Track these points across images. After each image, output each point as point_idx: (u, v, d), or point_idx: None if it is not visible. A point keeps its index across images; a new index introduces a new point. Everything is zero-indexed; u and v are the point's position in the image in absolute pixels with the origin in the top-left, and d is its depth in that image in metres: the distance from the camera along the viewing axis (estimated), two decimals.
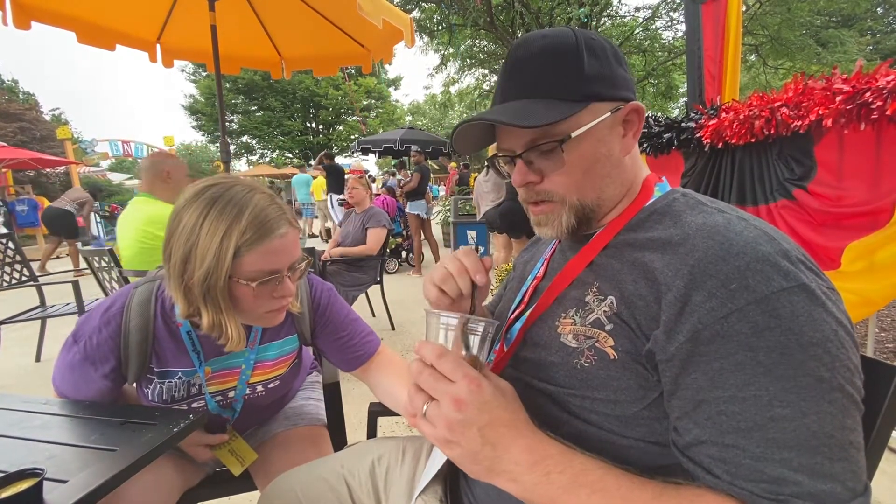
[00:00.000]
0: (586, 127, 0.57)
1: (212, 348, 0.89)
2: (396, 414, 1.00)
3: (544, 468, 0.47)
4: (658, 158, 2.57)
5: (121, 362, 0.85)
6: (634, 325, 0.52)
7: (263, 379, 0.98)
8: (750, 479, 0.43)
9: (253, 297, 0.79)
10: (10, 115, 16.77)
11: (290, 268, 0.83)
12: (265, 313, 0.83)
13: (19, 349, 3.33)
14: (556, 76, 0.57)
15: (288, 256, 0.82)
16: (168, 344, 0.87)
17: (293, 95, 24.21)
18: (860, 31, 14.02)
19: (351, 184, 3.63)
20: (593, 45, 0.58)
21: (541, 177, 0.61)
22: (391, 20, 2.41)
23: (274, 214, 0.79)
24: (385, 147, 9.43)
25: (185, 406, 0.92)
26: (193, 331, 0.87)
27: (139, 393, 0.94)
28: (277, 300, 0.82)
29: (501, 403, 0.50)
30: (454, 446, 0.48)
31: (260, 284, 0.78)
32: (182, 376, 0.89)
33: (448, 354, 0.50)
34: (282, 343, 1.00)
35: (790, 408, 0.42)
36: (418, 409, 0.50)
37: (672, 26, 10.22)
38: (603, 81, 0.58)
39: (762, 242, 0.47)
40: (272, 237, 0.78)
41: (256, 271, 0.77)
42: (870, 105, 1.54)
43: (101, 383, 0.85)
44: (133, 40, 3.12)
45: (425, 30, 10.20)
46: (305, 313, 1.01)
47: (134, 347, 0.84)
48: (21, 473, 0.57)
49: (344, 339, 1.04)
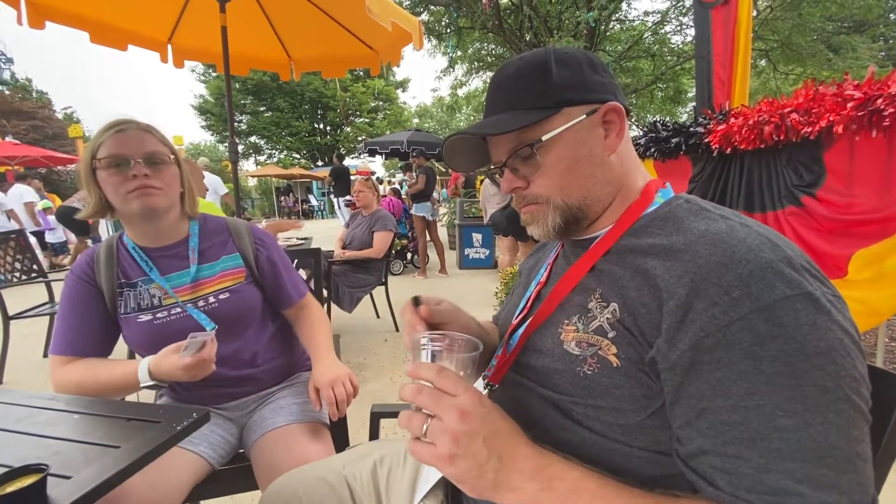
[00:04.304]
0: (558, 130, 0.60)
1: (165, 266, 1.11)
2: None
3: (547, 475, 0.47)
4: (666, 163, 2.56)
5: (95, 274, 1.07)
6: (637, 333, 0.51)
7: (214, 290, 1.14)
8: (752, 491, 0.42)
9: (111, 178, 1.01)
10: (23, 112, 17.01)
11: (143, 156, 1.03)
12: (127, 193, 1.02)
13: (27, 345, 3.37)
14: (527, 88, 0.62)
15: (133, 145, 1.03)
16: (127, 260, 1.11)
17: (301, 97, 24.37)
18: (872, 37, 13.89)
19: (358, 186, 3.64)
20: (564, 58, 0.62)
21: (526, 182, 0.64)
22: (400, 22, 2.42)
23: (115, 121, 1.05)
24: (392, 149, 9.47)
25: (150, 316, 1.07)
26: (137, 246, 1.11)
27: (121, 323, 1.08)
28: (130, 181, 1.01)
29: (500, 414, 0.51)
30: (459, 461, 0.47)
31: (112, 167, 1.01)
32: (142, 284, 1.09)
33: (447, 371, 0.51)
34: (224, 260, 1.18)
35: (794, 418, 0.41)
36: (417, 430, 0.49)
37: (681, 30, 10.17)
38: (574, 88, 0.61)
39: (765, 249, 0.46)
40: (111, 131, 1.03)
41: (107, 157, 1.01)
42: (881, 112, 1.53)
43: (90, 304, 1.05)
44: (145, 41, 3.15)
45: (433, 32, 10.23)
46: (243, 232, 1.23)
47: (103, 261, 1.08)
48: (26, 469, 0.58)
49: (282, 274, 1.25)
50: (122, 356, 1.13)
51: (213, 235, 1.19)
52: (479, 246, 6.17)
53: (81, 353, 1.04)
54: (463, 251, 6.18)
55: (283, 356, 1.27)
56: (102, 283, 1.07)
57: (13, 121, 16.47)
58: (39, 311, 3.00)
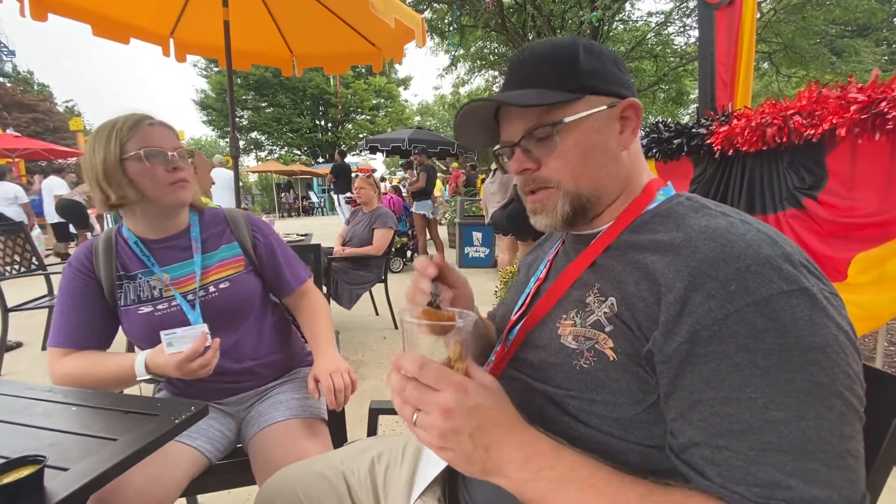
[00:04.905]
0: (580, 115, 0.59)
1: (164, 257, 1.11)
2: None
3: (535, 465, 0.48)
4: (667, 164, 2.55)
5: (94, 266, 1.07)
6: (634, 327, 0.51)
7: (214, 279, 1.14)
8: (741, 482, 0.42)
9: (151, 170, 1.02)
10: (25, 105, 16.98)
11: (176, 150, 1.05)
12: (167, 185, 1.04)
13: (26, 337, 3.37)
14: (553, 68, 0.61)
15: (166, 140, 1.05)
16: (126, 252, 1.10)
17: (303, 93, 24.32)
18: (875, 41, 13.87)
19: (358, 183, 3.64)
20: (591, 47, 0.62)
21: (538, 164, 0.63)
22: (403, 19, 2.41)
23: (140, 115, 1.05)
24: (393, 146, 9.46)
25: (150, 308, 1.07)
26: (139, 240, 1.10)
27: (121, 315, 1.08)
28: (172, 173, 1.04)
29: (489, 403, 0.49)
30: (447, 451, 0.49)
31: (150, 158, 1.01)
32: (141, 276, 1.09)
33: (429, 364, 0.49)
34: (223, 249, 1.18)
35: (786, 411, 0.41)
36: (408, 419, 0.50)
37: (685, 32, 10.17)
38: (598, 77, 0.61)
39: (764, 245, 0.46)
40: (142, 125, 1.03)
41: (147, 148, 1.01)
42: (885, 115, 1.53)
43: (89, 297, 1.05)
44: (147, 34, 3.15)
45: (436, 30, 10.22)
46: (240, 221, 1.24)
47: (102, 254, 1.08)
48: (23, 460, 0.58)
49: (280, 262, 1.25)
50: (120, 349, 1.13)
51: (212, 226, 1.20)
52: (478, 245, 6.17)
53: (80, 346, 1.04)
54: (463, 250, 6.18)
55: (282, 350, 1.27)
56: (101, 276, 1.07)
57: (14, 113, 16.45)
58: (38, 304, 3.00)
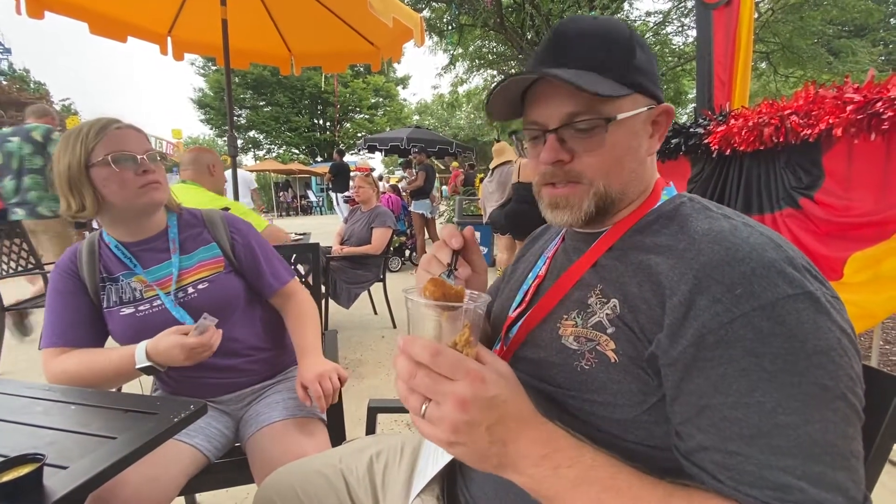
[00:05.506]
0: (629, 113, 0.57)
1: (146, 259, 1.12)
2: (396, 411, 1.01)
3: (553, 462, 0.46)
4: (665, 164, 2.56)
5: (79, 270, 1.08)
6: (637, 329, 0.51)
7: (192, 280, 1.14)
8: (755, 486, 0.42)
9: (119, 175, 1.01)
10: (21, 104, 16.86)
11: (146, 153, 1.05)
12: (138, 188, 1.04)
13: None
14: (610, 56, 0.57)
15: (134, 143, 1.04)
16: (108, 256, 1.11)
17: (301, 92, 24.26)
18: (872, 41, 13.89)
19: (357, 182, 3.64)
20: (641, 41, 0.60)
21: (571, 156, 0.58)
22: (401, 18, 2.41)
23: (107, 119, 1.05)
24: (391, 146, 9.45)
25: (132, 308, 1.08)
26: (119, 244, 1.11)
27: (106, 317, 1.08)
28: (142, 176, 1.04)
29: (506, 395, 0.46)
30: (458, 447, 0.45)
31: (118, 162, 1.00)
32: (123, 278, 1.09)
33: (444, 351, 0.45)
34: (202, 250, 1.18)
35: (794, 415, 0.42)
36: (415, 409, 0.46)
37: (683, 31, 10.18)
38: (648, 76, 0.59)
39: (768, 249, 0.47)
40: (109, 129, 1.02)
41: (115, 153, 1.01)
42: (881, 115, 1.53)
43: (78, 296, 1.06)
44: (144, 32, 3.14)
45: (435, 29, 10.19)
46: (217, 222, 1.23)
47: (85, 258, 1.09)
48: (22, 458, 0.58)
49: (261, 263, 1.24)
50: None
51: (190, 227, 1.20)
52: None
53: (73, 344, 1.03)
54: None
55: (275, 347, 1.26)
56: (86, 279, 1.08)
57: (10, 111, 16.35)
58: (37, 303, 2.98)
